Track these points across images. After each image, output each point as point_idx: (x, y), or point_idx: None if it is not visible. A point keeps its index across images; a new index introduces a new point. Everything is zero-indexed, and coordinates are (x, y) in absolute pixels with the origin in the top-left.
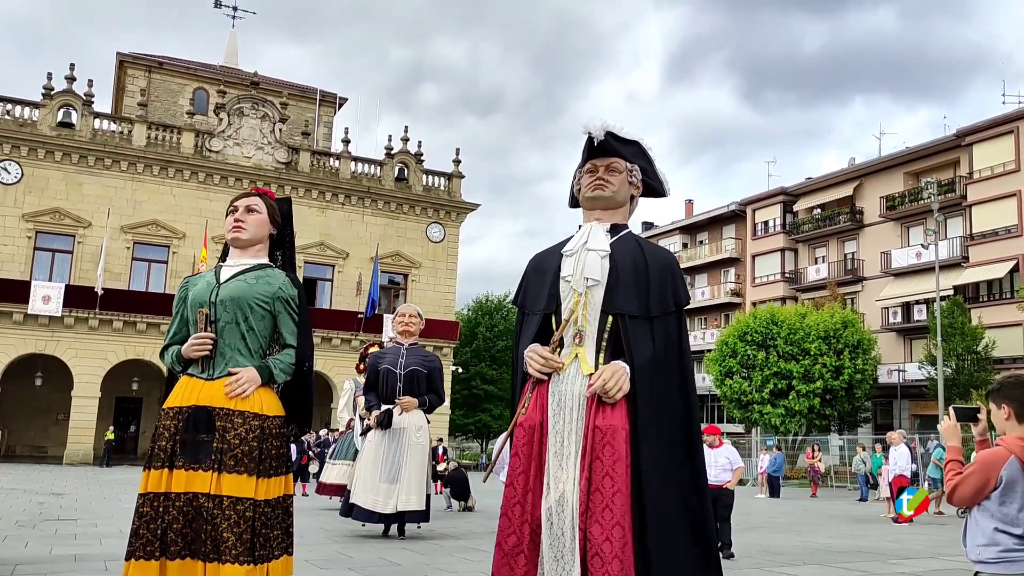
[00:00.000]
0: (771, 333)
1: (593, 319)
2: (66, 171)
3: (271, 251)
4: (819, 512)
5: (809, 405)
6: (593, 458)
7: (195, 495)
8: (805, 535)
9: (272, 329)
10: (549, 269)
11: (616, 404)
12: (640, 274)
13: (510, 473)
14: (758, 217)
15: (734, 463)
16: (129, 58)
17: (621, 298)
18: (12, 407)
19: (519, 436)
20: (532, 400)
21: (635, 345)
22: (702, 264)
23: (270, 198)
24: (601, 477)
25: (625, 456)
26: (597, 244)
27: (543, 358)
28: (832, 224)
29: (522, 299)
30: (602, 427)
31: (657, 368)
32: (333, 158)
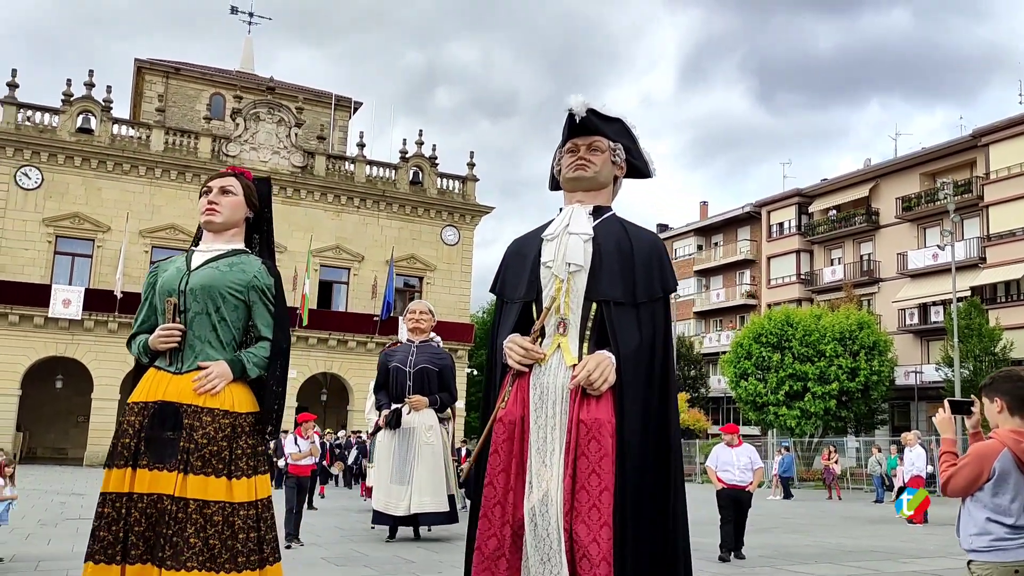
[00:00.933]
0: (786, 335)
1: (576, 307)
2: (85, 176)
3: (248, 235)
4: (833, 513)
5: (825, 407)
6: (578, 454)
7: (159, 497)
8: (818, 535)
9: (246, 320)
10: (529, 255)
11: (601, 397)
12: (625, 258)
13: (489, 471)
14: (773, 219)
15: (755, 464)
16: (147, 64)
17: (605, 284)
18: (33, 410)
19: (499, 432)
20: (512, 394)
21: (621, 334)
22: (717, 266)
23: (247, 178)
24: (587, 474)
25: (612, 451)
26: (579, 227)
27: (523, 349)
28: (848, 225)
29: (501, 287)
30: (587, 421)
31: (643, 358)
32: (348, 162)
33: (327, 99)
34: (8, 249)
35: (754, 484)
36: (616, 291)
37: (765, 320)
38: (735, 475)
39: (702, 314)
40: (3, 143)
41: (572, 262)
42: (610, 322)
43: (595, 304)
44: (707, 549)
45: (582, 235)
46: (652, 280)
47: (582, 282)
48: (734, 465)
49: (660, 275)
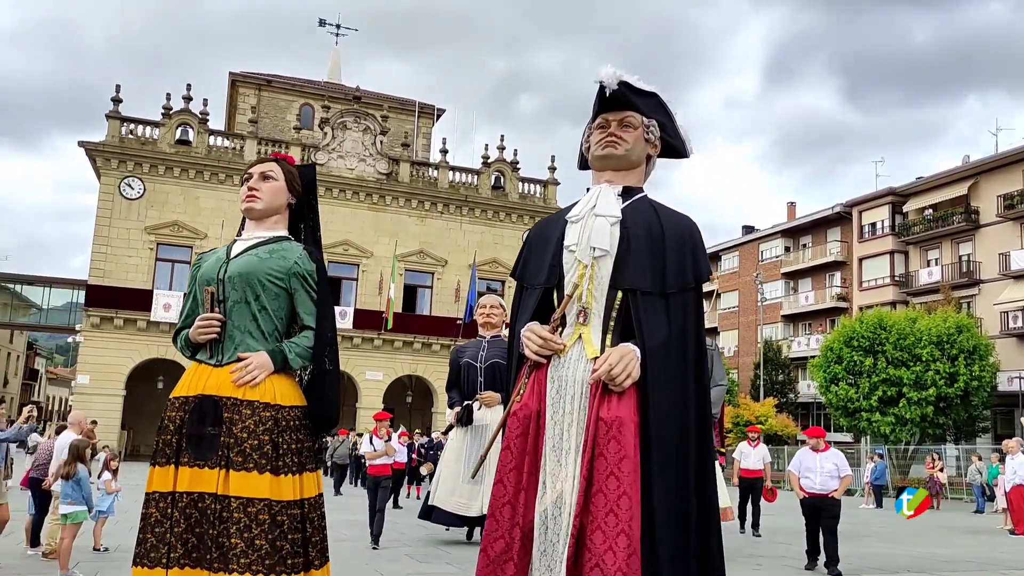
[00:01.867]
0: (879, 338)
1: (600, 295)
2: (184, 186)
3: (294, 223)
4: (929, 523)
5: (921, 413)
6: (596, 454)
7: (200, 495)
8: (911, 546)
9: (289, 310)
10: (552, 238)
11: (624, 393)
12: (655, 244)
13: (500, 469)
14: (865, 219)
15: (842, 470)
16: (240, 77)
17: (632, 271)
18: (136, 409)
19: (512, 427)
20: (528, 386)
21: (647, 325)
22: (805, 268)
23: (289, 163)
24: (605, 476)
25: (633, 453)
26: (606, 209)
27: (541, 338)
28: (945, 225)
29: (521, 271)
30: (607, 419)
31: (671, 353)
32: (432, 168)
33: (411, 107)
34: (113, 256)
35: (840, 490)
36: (644, 279)
37: (856, 323)
38: (816, 482)
39: (790, 317)
40: (108, 155)
41: (597, 246)
42: (636, 312)
43: (620, 293)
44: (797, 556)
45: (609, 217)
46: (684, 268)
47: (607, 268)
48: (816, 471)
49: (693, 263)
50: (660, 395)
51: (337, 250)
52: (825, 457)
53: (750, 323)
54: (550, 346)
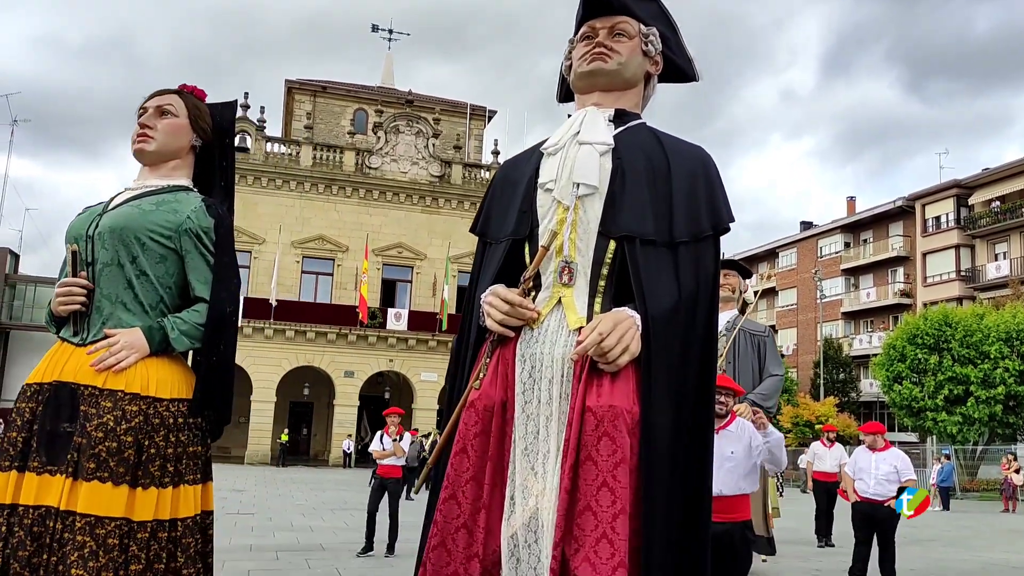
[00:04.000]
0: (944, 335)
1: (586, 246)
2: (243, 192)
3: (203, 173)
4: (999, 526)
5: (990, 412)
6: (582, 458)
7: (49, 510)
8: (980, 551)
9: (180, 277)
10: (522, 177)
11: (619, 374)
12: (659, 179)
13: (452, 479)
14: (928, 212)
15: (903, 473)
16: (296, 84)
17: (629, 213)
18: None
19: (468, 423)
20: (491, 368)
21: (650, 285)
22: (867, 264)
23: (196, 96)
24: (595, 488)
25: (631, 456)
26: (593, 135)
27: (507, 303)
28: (1014, 217)
29: (482, 223)
30: (596, 409)
31: (682, 321)
32: (484, 170)
33: (462, 109)
34: None
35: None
36: (645, 224)
37: (920, 320)
38: (870, 486)
39: (851, 314)
40: None
41: (583, 182)
42: (635, 268)
43: (613, 243)
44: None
45: (597, 145)
46: (698, 211)
47: (595, 211)
48: (871, 473)
49: (709, 204)
50: (668, 376)
51: (391, 252)
52: (882, 458)
53: (809, 321)
54: (519, 313)
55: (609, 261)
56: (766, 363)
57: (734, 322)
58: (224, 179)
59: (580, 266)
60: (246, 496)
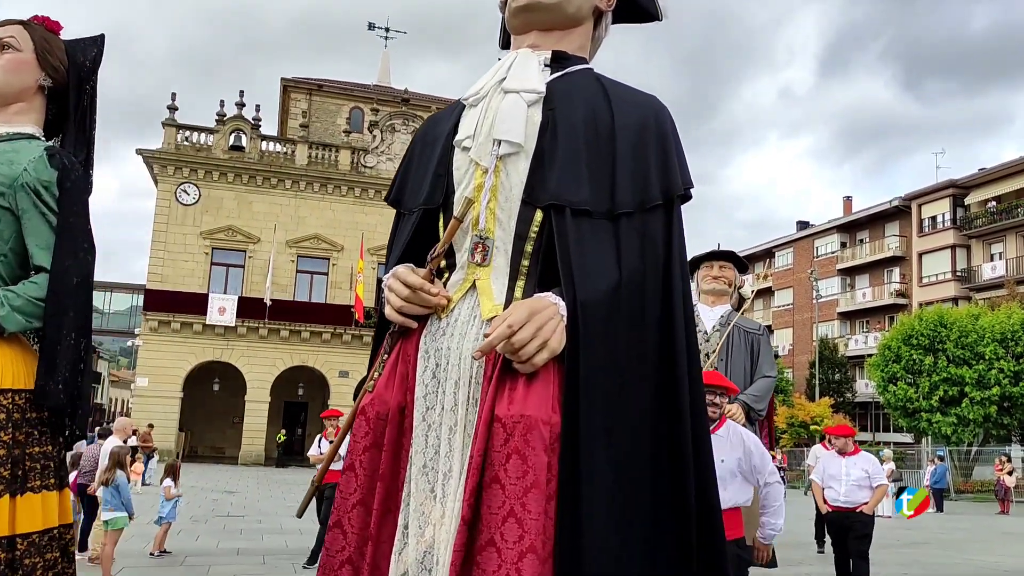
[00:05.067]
0: (939, 336)
1: (508, 216)
2: (237, 191)
3: (56, 119)
4: (993, 529)
5: (985, 413)
6: (488, 480)
7: None
8: (973, 553)
9: (17, 242)
10: (442, 135)
11: (537, 376)
12: (602, 135)
13: (338, 504)
14: (924, 212)
15: (874, 479)
16: (292, 82)
17: (561, 177)
18: (193, 411)
19: (357, 434)
20: (388, 367)
21: (582, 264)
22: (863, 264)
23: (49, 28)
24: (501, 519)
25: (547, 479)
26: (522, 81)
27: (408, 287)
28: (1010, 217)
29: (397, 189)
30: (506, 420)
31: (621, 313)
32: None
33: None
34: (170, 261)
35: (872, 503)
36: (579, 190)
37: (915, 320)
38: (841, 493)
39: (847, 315)
40: (165, 162)
41: (504, 138)
42: (563, 243)
43: (540, 213)
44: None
45: (525, 94)
46: (646, 174)
47: (520, 173)
48: (842, 480)
49: (661, 166)
50: (597, 382)
51: None
52: (853, 463)
53: (805, 321)
54: (422, 299)
55: (534, 236)
56: (759, 363)
57: (728, 317)
58: (82, 127)
59: (500, 242)
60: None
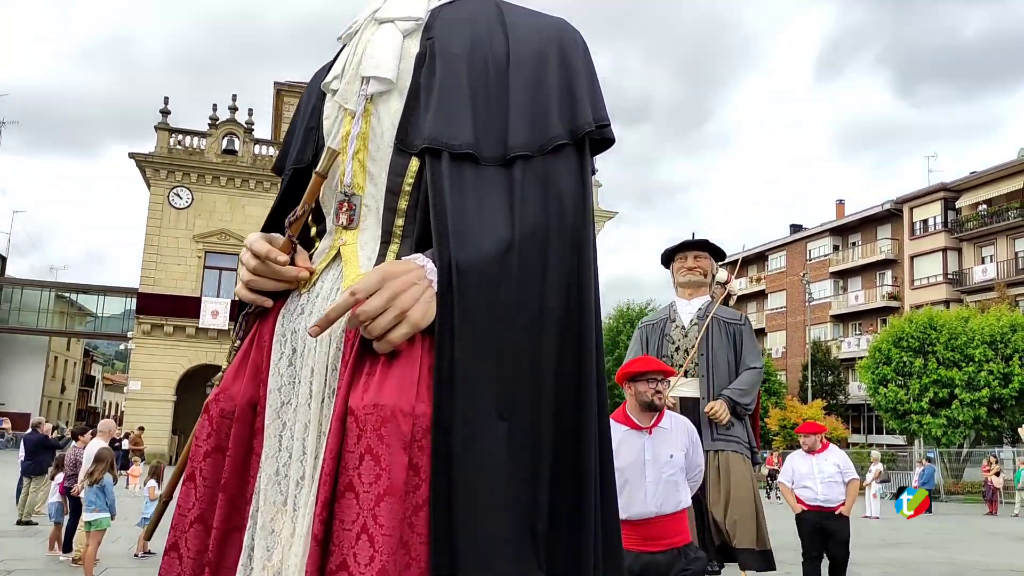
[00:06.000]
0: (929, 338)
1: (379, 169)
2: (231, 195)
3: None
4: (977, 529)
5: (974, 415)
6: (342, 487)
7: None
8: (954, 552)
9: None
10: (318, 84)
11: (398, 357)
12: (492, 67)
13: (176, 520)
14: (916, 216)
15: (846, 474)
16: (285, 86)
17: (439, 116)
18: (187, 414)
19: (199, 437)
20: (239, 356)
21: (461, 219)
22: (855, 267)
23: None
24: (354, 536)
25: (410, 485)
26: (399, 7)
27: (257, 257)
28: (1001, 220)
29: (280, 155)
30: (359, 410)
31: (516, 277)
32: None
33: None
34: (163, 265)
35: (848, 505)
36: (459, 129)
37: (905, 323)
38: (819, 492)
39: (839, 317)
40: (157, 166)
41: (373, 75)
42: (438, 195)
43: (415, 160)
44: None
45: (401, 22)
46: (546, 109)
47: (391, 116)
48: (816, 478)
49: (565, 98)
50: (477, 364)
51: None
52: (823, 459)
53: (798, 324)
54: (273, 271)
55: (409, 189)
56: (743, 355)
57: (707, 309)
58: None
59: (370, 199)
60: None
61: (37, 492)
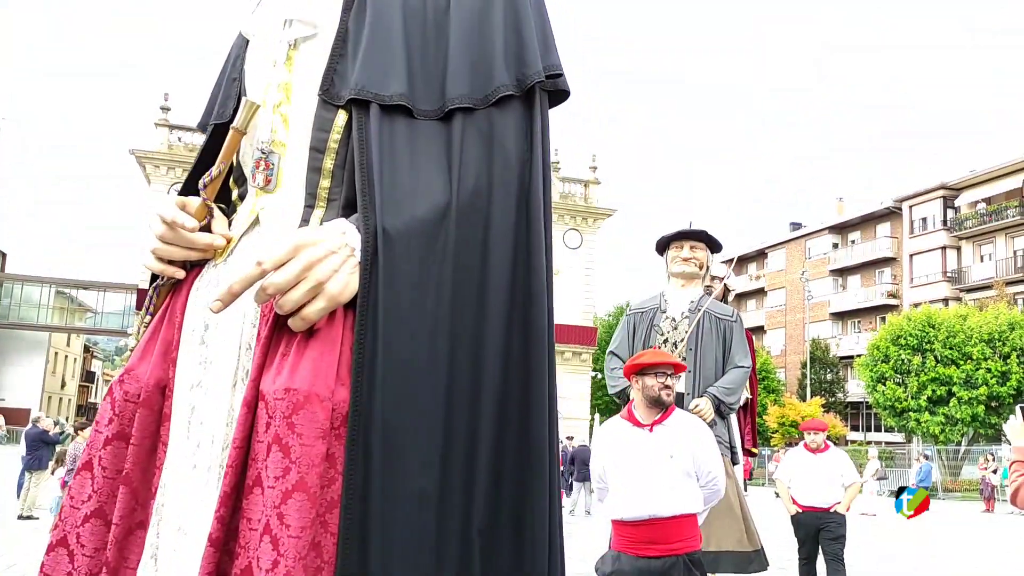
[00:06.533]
0: (927, 336)
1: (303, 124)
2: None
3: None
4: (971, 525)
5: (972, 413)
6: (250, 482)
7: None
8: (950, 548)
9: None
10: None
11: (316, 335)
12: (430, 10)
13: (66, 513)
14: (915, 214)
15: (847, 477)
16: None
17: (367, 63)
18: None
19: (100, 422)
20: (148, 333)
21: (388, 181)
22: (855, 265)
23: None
24: (259, 537)
25: (325, 479)
26: None
27: (164, 223)
28: (1000, 219)
29: (205, 112)
30: (270, 396)
31: (454, 246)
32: None
33: None
34: None
35: (845, 504)
36: (391, 80)
37: (904, 321)
38: (816, 492)
39: (838, 315)
40: (158, 162)
41: (295, 17)
42: (363, 152)
43: (343, 114)
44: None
45: None
46: (489, 56)
47: (314, 66)
48: (813, 477)
49: (512, 44)
50: (405, 344)
51: None
52: (826, 460)
53: (797, 322)
54: (182, 238)
55: (336, 147)
56: (731, 353)
57: (699, 303)
58: None
59: (292, 159)
60: None
61: (38, 487)
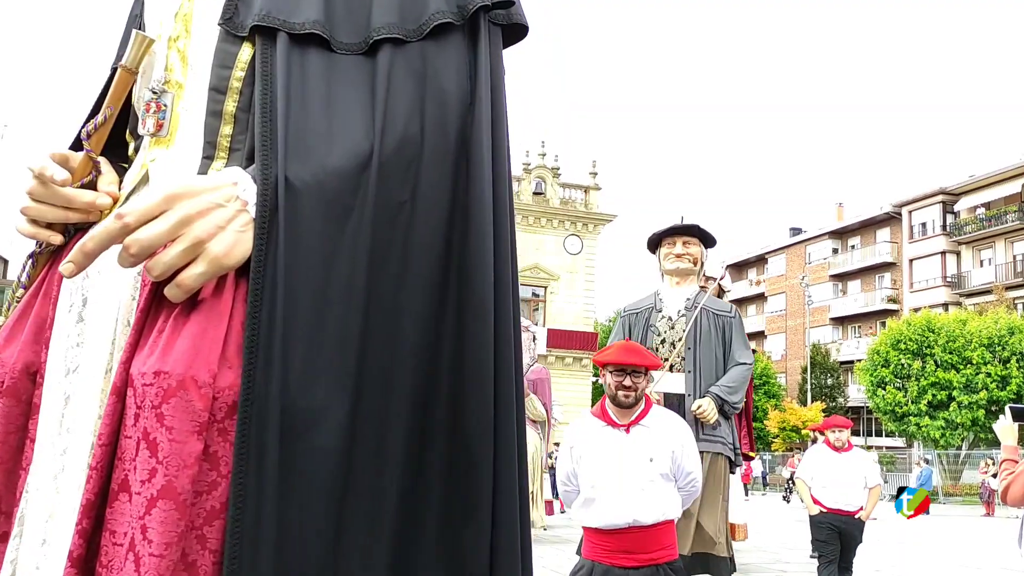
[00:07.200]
0: (927, 341)
1: (202, 62)
2: None
3: None
4: (969, 528)
5: (972, 417)
6: (116, 485)
7: None
8: (949, 552)
9: None
10: None
11: (198, 307)
12: None
13: None
14: (915, 219)
15: (870, 479)
16: None
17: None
18: None
19: None
20: (19, 308)
21: (295, 124)
22: (855, 270)
23: None
24: (124, 552)
25: (201, 484)
26: None
27: (38, 179)
28: (999, 224)
29: (117, 55)
30: (139, 380)
31: (375, 203)
32: None
33: None
34: None
35: (868, 510)
36: (306, 5)
37: (904, 326)
38: (841, 494)
39: (838, 320)
40: None
41: None
42: (267, 90)
43: (248, 47)
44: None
45: None
46: None
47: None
48: (839, 479)
49: None
50: (310, 320)
51: None
52: (850, 461)
53: (797, 326)
54: (60, 196)
55: (239, 86)
56: (732, 349)
57: (695, 300)
58: None
59: (189, 102)
60: None
61: None
